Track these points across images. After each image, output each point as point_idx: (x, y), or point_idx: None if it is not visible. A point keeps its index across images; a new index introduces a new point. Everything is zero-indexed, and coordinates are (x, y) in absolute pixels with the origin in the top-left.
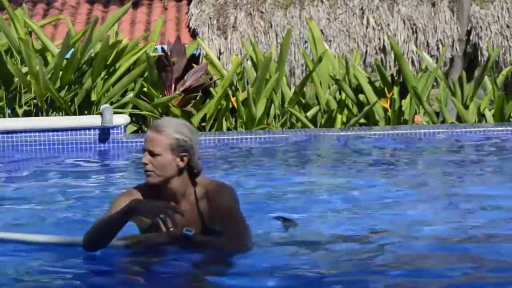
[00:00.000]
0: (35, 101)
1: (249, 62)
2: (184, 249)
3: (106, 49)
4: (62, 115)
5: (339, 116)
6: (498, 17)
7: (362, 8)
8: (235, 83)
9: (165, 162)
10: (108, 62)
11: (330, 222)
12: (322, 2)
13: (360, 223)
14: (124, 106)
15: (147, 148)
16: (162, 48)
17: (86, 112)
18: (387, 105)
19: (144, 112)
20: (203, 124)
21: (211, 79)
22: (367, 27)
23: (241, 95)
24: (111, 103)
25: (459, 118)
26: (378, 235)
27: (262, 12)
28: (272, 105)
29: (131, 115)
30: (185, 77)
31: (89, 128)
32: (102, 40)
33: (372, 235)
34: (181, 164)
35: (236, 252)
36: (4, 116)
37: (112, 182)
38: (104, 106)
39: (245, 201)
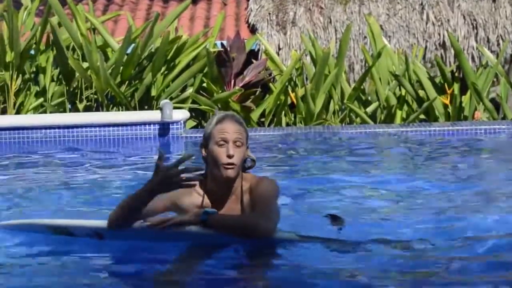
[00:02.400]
0: (95, 96)
1: (308, 58)
2: (207, 228)
3: (166, 44)
4: (122, 110)
5: (398, 112)
6: None
7: (421, 4)
8: (294, 79)
9: (243, 155)
10: (168, 58)
11: (381, 222)
12: None
13: (413, 226)
14: (183, 101)
15: (234, 139)
16: (222, 44)
17: (146, 107)
18: (447, 101)
19: (203, 107)
20: (262, 119)
21: (270, 74)
22: (427, 23)
23: (300, 91)
24: (171, 99)
25: None
26: (428, 240)
27: (321, 8)
28: (331, 100)
29: (190, 110)
30: (245, 73)
31: (149, 123)
32: (163, 36)
33: (422, 240)
34: (245, 156)
35: (257, 227)
36: (64, 111)
37: None
38: (164, 101)
39: (296, 197)
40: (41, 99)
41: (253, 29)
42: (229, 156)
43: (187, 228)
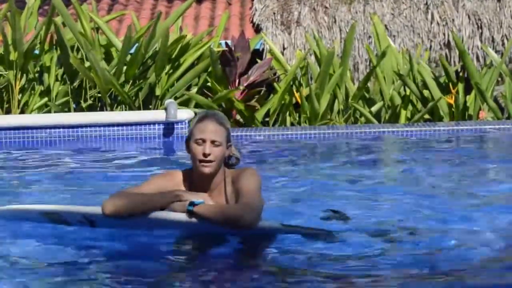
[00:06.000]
0: (100, 95)
1: (313, 57)
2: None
3: (166, 44)
4: (126, 110)
5: (403, 112)
6: None
7: (426, 3)
8: (298, 78)
9: (222, 153)
10: (173, 57)
11: (381, 218)
12: None
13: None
14: (188, 101)
15: (211, 139)
16: (226, 43)
17: (150, 107)
18: (452, 101)
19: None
20: (267, 119)
21: (274, 74)
22: (431, 23)
23: (305, 90)
24: (175, 98)
25: None
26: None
27: (326, 7)
28: (336, 100)
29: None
30: (249, 72)
31: (154, 123)
32: (162, 35)
33: (419, 234)
34: (227, 153)
35: (240, 219)
36: (69, 111)
37: None
38: (168, 101)
39: (300, 196)
40: (46, 99)
41: (257, 29)
42: (205, 155)
43: (174, 217)
